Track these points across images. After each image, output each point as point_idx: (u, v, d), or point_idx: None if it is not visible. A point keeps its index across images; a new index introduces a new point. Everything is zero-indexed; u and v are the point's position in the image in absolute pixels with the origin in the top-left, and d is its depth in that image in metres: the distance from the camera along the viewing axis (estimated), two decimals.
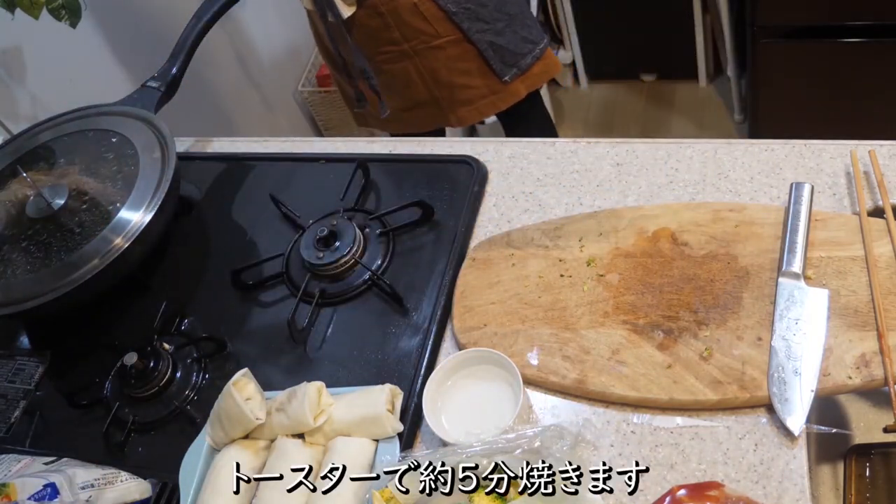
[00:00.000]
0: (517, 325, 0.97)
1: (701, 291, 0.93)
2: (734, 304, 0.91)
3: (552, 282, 0.99)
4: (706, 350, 0.88)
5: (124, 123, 1.24)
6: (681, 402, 0.86)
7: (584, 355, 0.91)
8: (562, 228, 1.05)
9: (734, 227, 0.97)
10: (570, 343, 0.93)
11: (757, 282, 0.92)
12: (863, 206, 0.94)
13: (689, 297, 0.93)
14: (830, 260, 0.91)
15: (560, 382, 0.90)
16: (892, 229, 0.90)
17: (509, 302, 0.99)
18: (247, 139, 1.41)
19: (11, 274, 1.10)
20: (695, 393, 0.85)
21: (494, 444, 0.79)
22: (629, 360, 0.89)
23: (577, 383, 0.90)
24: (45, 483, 0.88)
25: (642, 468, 0.80)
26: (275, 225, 1.21)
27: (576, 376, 0.90)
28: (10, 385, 1.14)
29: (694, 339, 0.89)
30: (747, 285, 0.92)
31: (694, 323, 0.90)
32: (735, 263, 0.94)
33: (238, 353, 1.07)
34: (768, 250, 0.94)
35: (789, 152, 1.06)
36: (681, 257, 0.97)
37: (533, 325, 0.96)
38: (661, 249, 0.98)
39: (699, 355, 0.87)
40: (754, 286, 0.92)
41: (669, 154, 1.11)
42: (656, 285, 0.95)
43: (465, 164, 1.18)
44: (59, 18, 1.35)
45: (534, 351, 0.94)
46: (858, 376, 0.82)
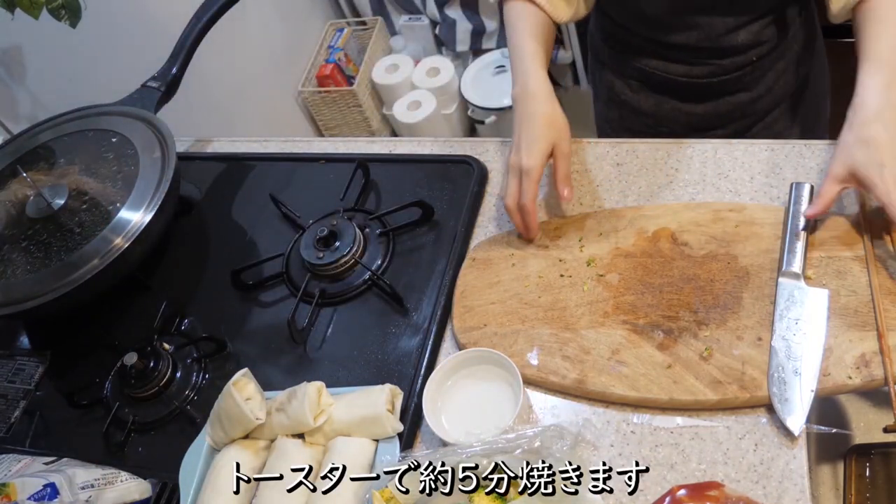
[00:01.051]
0: (517, 325, 0.97)
1: (701, 291, 0.93)
2: (734, 304, 0.91)
3: (552, 282, 0.99)
4: (706, 350, 0.88)
5: (124, 123, 1.24)
6: (681, 402, 0.86)
7: (584, 355, 0.91)
8: (562, 228, 1.05)
9: (734, 227, 0.97)
10: (570, 343, 0.93)
11: (757, 282, 0.92)
12: (864, 206, 0.94)
13: (689, 297, 0.93)
14: (830, 260, 0.91)
15: (560, 382, 0.90)
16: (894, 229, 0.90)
17: (509, 302, 0.99)
18: (247, 139, 1.41)
19: (11, 274, 1.10)
20: (695, 393, 0.85)
21: (494, 444, 0.79)
22: (629, 360, 0.89)
23: (577, 383, 0.90)
24: (45, 483, 0.88)
25: (642, 468, 0.80)
26: (275, 225, 1.21)
27: (576, 376, 0.90)
28: (10, 385, 1.14)
29: (694, 339, 0.89)
30: (747, 285, 0.92)
31: (694, 323, 0.90)
32: (735, 263, 0.94)
33: (238, 353, 1.08)
34: (769, 250, 0.94)
35: (789, 152, 1.06)
36: (681, 257, 0.97)
37: (533, 325, 0.96)
38: (662, 249, 0.98)
39: (699, 355, 0.87)
40: (754, 286, 0.92)
41: (669, 154, 1.11)
42: (656, 285, 0.95)
43: (465, 164, 1.18)
44: (59, 18, 1.35)
45: (534, 351, 0.94)
46: (858, 376, 0.82)
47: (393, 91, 2.57)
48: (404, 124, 2.50)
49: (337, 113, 2.59)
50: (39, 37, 1.53)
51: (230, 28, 2.19)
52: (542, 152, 0.99)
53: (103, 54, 1.74)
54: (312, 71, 2.56)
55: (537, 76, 1.03)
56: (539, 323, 0.96)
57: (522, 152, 0.99)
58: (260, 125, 2.34)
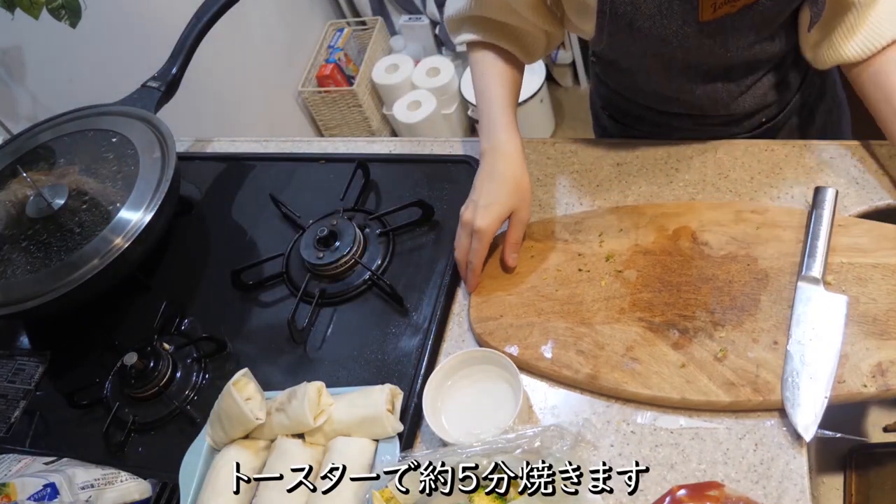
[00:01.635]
0: (533, 317, 0.96)
1: (719, 292, 0.92)
2: (751, 307, 0.90)
3: (570, 276, 0.99)
4: (721, 351, 0.87)
5: (124, 123, 1.24)
6: (693, 403, 0.85)
7: (598, 350, 0.91)
8: (582, 223, 1.04)
9: (756, 229, 0.96)
10: (585, 338, 0.93)
11: (776, 285, 0.91)
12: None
13: (707, 297, 0.92)
14: (851, 266, 0.90)
15: (573, 377, 0.90)
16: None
17: (526, 294, 0.99)
18: (247, 139, 1.41)
19: (11, 274, 1.10)
20: (707, 394, 0.84)
21: (494, 444, 0.79)
22: (643, 357, 0.89)
23: (589, 378, 0.89)
24: (45, 483, 0.88)
25: (642, 468, 0.80)
26: (275, 225, 1.21)
27: (589, 371, 0.90)
28: (10, 385, 1.14)
29: (709, 340, 0.88)
30: (766, 288, 0.91)
31: (710, 323, 0.90)
32: (755, 265, 0.93)
33: (238, 353, 1.08)
34: (789, 254, 0.93)
35: (789, 152, 1.06)
36: (700, 257, 0.96)
37: (549, 318, 0.96)
38: (681, 248, 0.97)
39: (713, 356, 0.87)
40: (773, 289, 0.90)
41: (669, 154, 1.11)
42: (674, 283, 0.94)
43: (465, 164, 1.18)
44: (59, 18, 1.35)
45: (548, 344, 0.93)
46: (874, 385, 0.80)
47: (393, 91, 2.57)
48: (404, 124, 2.51)
49: (337, 113, 2.59)
50: (39, 37, 1.53)
51: (230, 28, 2.19)
52: (498, 216, 0.97)
53: (103, 54, 1.74)
54: (312, 71, 2.56)
55: (509, 132, 1.01)
56: (555, 316, 0.96)
57: (479, 212, 0.97)
58: (260, 125, 2.34)
